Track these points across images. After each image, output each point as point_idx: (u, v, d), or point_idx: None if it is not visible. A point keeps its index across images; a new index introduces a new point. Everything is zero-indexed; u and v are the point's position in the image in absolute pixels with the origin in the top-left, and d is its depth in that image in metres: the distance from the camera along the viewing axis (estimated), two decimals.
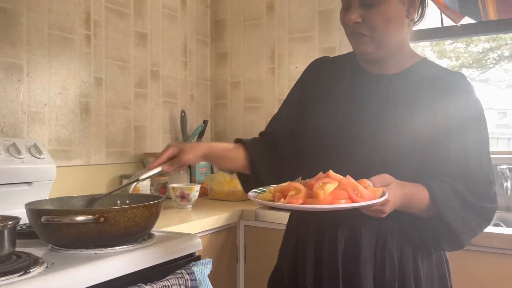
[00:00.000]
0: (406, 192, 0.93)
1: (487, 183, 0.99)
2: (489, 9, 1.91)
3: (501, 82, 6.12)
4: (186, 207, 1.81)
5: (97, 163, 1.87)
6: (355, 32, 1.03)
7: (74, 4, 1.76)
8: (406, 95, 1.03)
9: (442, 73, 1.06)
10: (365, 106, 1.05)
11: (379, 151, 1.00)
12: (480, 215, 0.98)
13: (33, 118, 1.63)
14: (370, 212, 0.89)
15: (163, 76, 2.22)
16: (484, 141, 1.02)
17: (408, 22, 1.04)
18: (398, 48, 1.06)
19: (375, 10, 0.99)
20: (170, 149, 1.11)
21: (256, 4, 2.41)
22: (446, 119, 0.99)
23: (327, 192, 0.81)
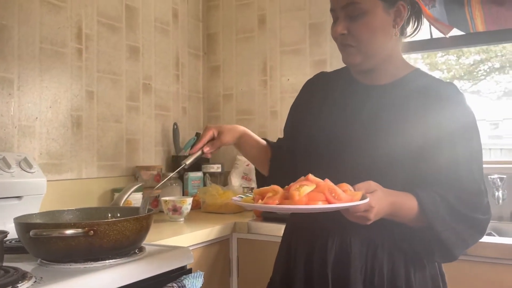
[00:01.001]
0: (393, 200, 0.92)
1: (479, 194, 0.97)
2: (477, 21, 1.94)
3: (492, 94, 6.18)
4: (178, 220, 1.79)
5: (88, 176, 1.86)
6: (342, 44, 1.05)
7: (65, 18, 1.77)
8: (397, 105, 1.03)
9: (434, 83, 1.06)
10: (355, 116, 1.06)
11: (369, 161, 1.00)
12: (472, 226, 0.96)
13: (24, 132, 1.62)
14: (355, 219, 0.89)
15: (155, 89, 2.22)
16: (475, 151, 1.00)
17: (395, 32, 1.04)
18: (387, 59, 1.06)
19: (360, 22, 1.01)
20: (210, 130, 1.15)
21: (248, 17, 2.44)
22: (437, 129, 0.99)
23: (303, 194, 0.82)
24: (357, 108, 1.07)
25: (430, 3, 2.01)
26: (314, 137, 1.10)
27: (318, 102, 1.15)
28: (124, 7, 2.04)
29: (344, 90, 1.13)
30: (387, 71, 1.08)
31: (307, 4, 2.27)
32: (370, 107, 1.06)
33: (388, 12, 1.02)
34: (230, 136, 1.16)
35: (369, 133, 1.02)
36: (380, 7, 1.01)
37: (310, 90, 1.21)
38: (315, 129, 1.11)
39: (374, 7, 1.00)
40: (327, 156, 1.06)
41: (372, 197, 0.86)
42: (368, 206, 0.86)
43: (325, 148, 1.06)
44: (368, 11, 1.00)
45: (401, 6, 1.03)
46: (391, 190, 0.93)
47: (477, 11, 1.90)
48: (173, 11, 2.35)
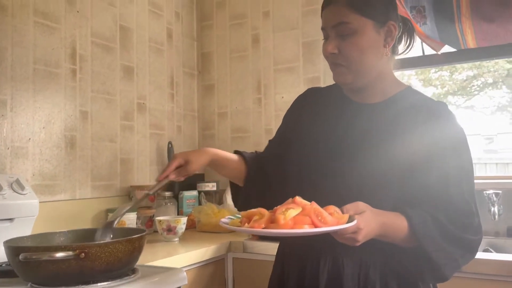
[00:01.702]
0: (382, 221, 0.91)
1: (470, 215, 0.96)
2: (468, 38, 1.96)
3: (486, 109, 6.23)
4: (173, 240, 1.77)
5: (82, 197, 1.84)
6: (333, 63, 1.05)
7: (59, 39, 1.78)
8: (388, 123, 1.03)
9: (424, 101, 1.06)
10: (346, 135, 1.06)
11: (359, 179, 0.99)
12: (463, 246, 0.95)
13: (17, 153, 1.61)
14: (344, 240, 0.87)
15: (149, 108, 2.22)
16: (466, 170, 0.99)
17: (386, 52, 1.04)
18: (378, 77, 1.06)
19: (350, 41, 1.01)
20: (177, 160, 1.13)
21: (242, 36, 2.46)
22: (427, 147, 0.99)
23: (288, 218, 0.81)
24: (348, 126, 1.07)
25: (421, 21, 2.04)
26: (304, 155, 1.09)
27: (309, 119, 1.15)
28: (118, 27, 2.05)
29: (335, 107, 1.12)
30: (378, 90, 1.08)
31: (299, 23, 2.29)
32: (361, 125, 1.06)
33: (379, 31, 1.02)
34: (196, 165, 1.13)
35: (360, 152, 1.02)
36: (371, 27, 1.01)
37: (301, 106, 1.21)
38: (306, 146, 1.10)
39: (364, 26, 1.01)
40: (317, 174, 1.05)
41: (361, 219, 0.85)
42: (356, 228, 0.84)
43: (316, 166, 1.06)
44: (358, 30, 1.00)
45: (392, 26, 1.03)
46: (380, 211, 0.92)
47: (467, 28, 1.93)
48: (168, 31, 2.37)
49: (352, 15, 1.00)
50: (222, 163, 1.20)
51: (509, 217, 1.83)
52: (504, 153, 6.77)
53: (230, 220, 0.95)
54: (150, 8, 2.25)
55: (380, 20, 1.02)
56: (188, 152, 1.16)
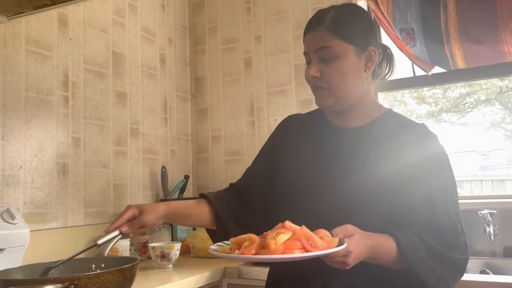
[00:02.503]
0: (371, 243, 0.91)
1: (455, 234, 0.97)
2: (457, 59, 1.98)
3: (480, 125, 6.26)
4: (167, 267, 1.75)
5: (74, 224, 1.82)
6: (315, 86, 1.07)
7: (52, 67, 1.78)
8: (370, 146, 1.05)
9: (405, 123, 1.08)
10: (330, 160, 1.07)
11: (345, 203, 1.00)
12: (451, 266, 0.96)
13: (8, 182, 1.60)
14: (334, 264, 0.87)
15: (143, 133, 2.22)
16: (449, 190, 1.01)
17: (367, 76, 1.07)
18: (359, 101, 1.09)
19: (332, 65, 1.03)
20: (130, 210, 1.06)
21: (234, 60, 2.48)
22: (410, 168, 1.00)
23: (279, 243, 0.81)
24: (331, 151, 1.08)
25: (411, 42, 2.06)
26: (290, 181, 1.10)
27: (295, 145, 1.15)
28: (111, 53, 2.07)
29: (318, 132, 1.14)
30: (359, 114, 1.10)
31: (291, 47, 2.32)
32: (344, 149, 1.07)
33: (360, 56, 1.05)
34: (151, 216, 1.06)
35: (345, 175, 1.03)
36: (352, 52, 1.04)
37: (284, 132, 1.21)
38: (291, 172, 1.11)
39: (345, 51, 1.03)
40: (304, 199, 1.05)
41: (350, 242, 0.86)
42: (346, 251, 0.85)
43: (302, 192, 1.06)
44: (340, 55, 1.03)
45: (372, 51, 1.06)
46: (369, 233, 0.93)
47: (456, 50, 1.95)
48: (161, 56, 2.39)
49: (334, 40, 1.03)
50: (181, 212, 1.14)
51: (505, 237, 1.82)
52: (500, 170, 6.80)
53: (219, 247, 0.93)
54: (143, 34, 2.27)
55: (360, 45, 1.05)
56: (142, 204, 1.10)
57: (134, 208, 1.07)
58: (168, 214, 1.10)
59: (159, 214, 1.07)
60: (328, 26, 1.04)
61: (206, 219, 1.15)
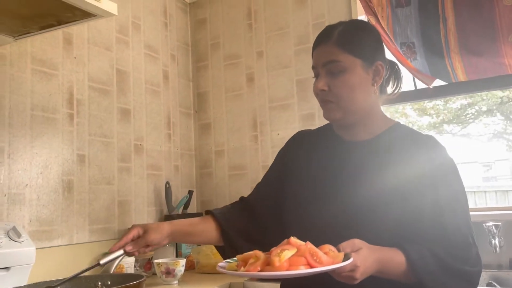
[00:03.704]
0: (379, 257, 0.91)
1: (467, 246, 0.97)
2: (458, 72, 2.00)
3: (482, 136, 6.22)
4: (172, 283, 1.75)
5: (79, 241, 1.83)
6: (323, 100, 1.08)
7: (57, 85, 1.80)
8: (379, 159, 1.05)
9: (413, 135, 1.09)
10: (338, 173, 1.08)
11: (352, 217, 1.00)
12: (463, 279, 0.95)
13: (13, 200, 1.61)
14: (342, 279, 0.87)
15: (147, 149, 2.23)
16: (459, 201, 1.01)
17: (374, 90, 1.08)
18: (367, 115, 1.09)
19: (340, 79, 1.05)
20: (135, 229, 1.06)
21: (237, 76, 2.50)
22: (419, 181, 1.00)
23: (283, 259, 0.81)
24: (339, 165, 1.09)
25: (412, 56, 2.08)
26: (298, 196, 1.11)
27: (302, 160, 1.16)
28: (115, 71, 2.09)
29: (327, 147, 1.15)
30: (367, 127, 1.11)
31: (292, 62, 2.34)
32: (352, 163, 1.08)
33: (367, 71, 1.06)
34: (156, 235, 1.05)
35: (352, 189, 1.03)
36: (359, 66, 1.05)
37: (292, 149, 1.22)
38: (299, 187, 1.12)
39: (353, 65, 1.04)
40: (312, 214, 1.06)
41: (357, 256, 0.86)
42: (353, 265, 0.84)
43: (310, 206, 1.07)
44: (347, 69, 1.04)
45: (379, 66, 1.08)
46: (377, 247, 0.92)
47: (457, 63, 1.97)
48: (164, 73, 2.42)
49: (342, 54, 1.04)
50: (186, 230, 1.13)
51: (511, 249, 1.82)
52: (503, 180, 6.74)
53: (227, 264, 0.94)
54: (146, 52, 2.30)
55: (368, 59, 1.06)
56: (147, 223, 1.10)
57: (139, 228, 1.07)
58: (173, 233, 1.09)
59: (163, 233, 1.07)
60: (336, 41, 1.05)
61: (212, 236, 1.15)
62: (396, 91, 1.16)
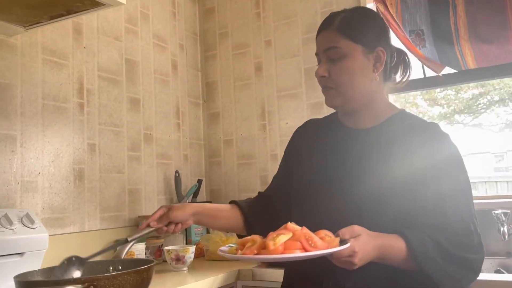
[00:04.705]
0: (379, 244, 0.91)
1: (468, 234, 0.97)
2: (468, 59, 1.98)
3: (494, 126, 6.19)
4: (182, 270, 1.77)
5: (91, 229, 1.86)
6: (324, 86, 1.09)
7: (67, 75, 1.83)
8: (382, 147, 1.05)
9: (417, 124, 1.08)
10: (342, 161, 1.08)
11: (354, 204, 1.01)
12: (465, 266, 0.95)
13: (26, 188, 1.64)
14: (341, 264, 0.89)
15: (156, 138, 2.26)
16: (462, 189, 1.01)
17: (375, 76, 1.07)
18: (369, 102, 1.09)
19: (340, 65, 1.05)
20: (161, 209, 1.13)
21: (245, 65, 2.50)
22: (422, 169, 1.00)
23: (278, 243, 0.84)
24: (344, 151, 1.09)
25: (421, 44, 2.07)
26: (304, 183, 1.12)
27: (308, 149, 1.17)
28: (124, 61, 2.11)
29: (332, 134, 1.15)
30: (370, 114, 1.11)
31: (300, 51, 2.34)
32: (356, 150, 1.08)
33: (368, 56, 1.06)
34: (180, 212, 1.11)
35: (356, 176, 1.04)
36: (360, 52, 1.05)
37: (300, 137, 1.24)
38: (305, 173, 1.13)
39: (353, 51, 1.05)
40: (316, 200, 1.07)
41: (356, 242, 0.87)
42: (352, 251, 0.86)
43: (314, 194, 1.08)
44: (347, 54, 1.04)
45: (380, 52, 1.07)
46: (377, 233, 0.93)
47: (467, 50, 1.95)
48: (172, 62, 2.43)
49: (342, 40, 1.05)
50: (212, 213, 1.17)
51: None
52: None
53: (228, 248, 0.97)
54: (154, 41, 2.31)
55: (369, 45, 1.06)
56: (172, 204, 1.16)
57: (164, 207, 1.13)
58: (197, 213, 1.14)
59: (186, 212, 1.12)
60: (337, 27, 1.06)
61: (236, 223, 1.20)
62: (405, 80, 1.15)
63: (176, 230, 1.13)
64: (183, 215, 1.11)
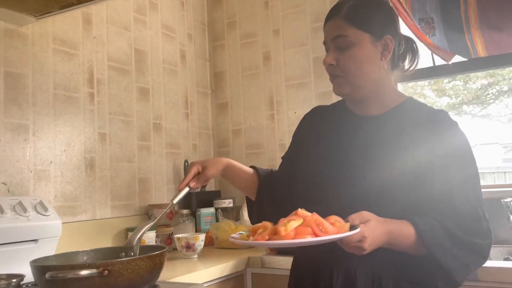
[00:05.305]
0: (388, 229, 0.92)
1: (476, 219, 0.97)
2: (478, 47, 1.97)
3: (502, 117, 6.14)
4: (192, 257, 1.80)
5: (102, 217, 1.88)
6: (332, 74, 1.10)
7: (78, 65, 1.84)
8: (390, 135, 1.06)
9: (425, 111, 1.09)
10: (349, 147, 1.09)
11: (363, 191, 1.01)
12: (473, 251, 0.96)
13: (39, 176, 1.66)
14: (351, 249, 0.90)
15: (165, 128, 2.27)
16: (470, 176, 1.01)
17: (383, 64, 1.07)
18: (377, 90, 1.09)
19: (348, 53, 1.05)
20: (194, 167, 1.19)
21: (253, 55, 2.50)
22: (429, 157, 1.00)
23: (289, 229, 0.85)
24: (351, 138, 1.10)
25: (430, 32, 2.06)
26: (311, 168, 1.13)
27: (316, 135, 1.18)
28: (133, 51, 2.12)
29: (339, 121, 1.16)
30: (378, 102, 1.11)
31: (309, 39, 2.33)
32: (364, 137, 1.08)
33: (375, 45, 1.06)
34: (214, 169, 1.20)
35: (363, 163, 1.04)
36: (367, 40, 1.05)
37: (308, 124, 1.25)
38: (312, 160, 1.14)
39: (361, 39, 1.05)
40: (323, 185, 1.08)
41: (365, 227, 0.88)
42: (361, 236, 0.87)
43: (321, 177, 1.09)
44: (355, 43, 1.05)
45: (388, 40, 1.07)
46: (386, 219, 0.94)
47: (477, 38, 1.94)
48: (181, 52, 2.43)
49: (349, 29, 1.05)
50: (236, 172, 1.25)
51: None
52: None
53: (240, 235, 0.99)
54: (163, 31, 2.32)
55: (376, 34, 1.06)
56: (204, 160, 1.24)
57: (198, 165, 1.20)
58: (226, 169, 1.23)
59: (219, 168, 1.21)
60: (344, 15, 1.06)
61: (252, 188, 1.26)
62: (412, 68, 1.16)
63: (206, 183, 1.22)
64: (216, 172, 1.21)
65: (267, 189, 1.24)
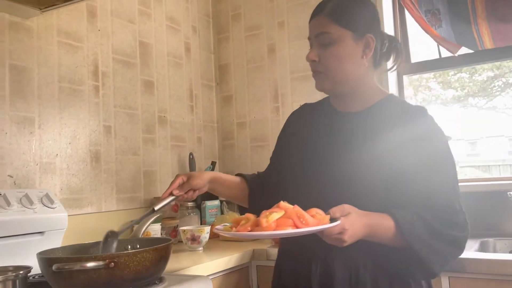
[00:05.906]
0: (368, 222, 0.95)
1: (453, 212, 1.00)
2: (485, 39, 1.95)
3: (509, 109, 6.11)
4: (197, 250, 1.80)
5: (108, 209, 1.89)
6: (314, 70, 1.12)
7: (82, 58, 1.84)
8: (369, 131, 1.08)
9: (403, 108, 1.11)
10: (331, 144, 1.12)
11: (341, 185, 1.04)
12: (450, 243, 0.98)
13: (45, 169, 1.67)
14: (331, 241, 0.92)
15: (170, 121, 2.27)
16: (447, 171, 1.04)
17: (364, 62, 1.10)
18: (358, 86, 1.12)
19: (329, 50, 1.08)
20: (179, 177, 1.19)
21: (258, 47, 2.49)
22: (404, 152, 1.03)
23: (271, 221, 0.88)
24: (332, 134, 1.13)
25: (437, 23, 2.04)
26: (294, 164, 1.16)
27: (300, 131, 1.21)
28: (138, 43, 2.11)
29: (323, 118, 1.19)
30: (359, 99, 1.13)
31: None
32: (344, 133, 1.12)
33: (357, 42, 1.08)
34: (199, 179, 1.19)
35: (342, 158, 1.07)
36: (349, 38, 1.07)
37: (294, 121, 1.28)
38: (296, 155, 1.17)
39: (343, 37, 1.07)
40: (305, 180, 1.11)
41: (345, 220, 0.90)
42: (341, 228, 0.89)
43: (304, 173, 1.12)
44: (337, 40, 1.07)
45: (370, 38, 1.09)
46: (366, 212, 0.96)
47: (484, 29, 1.92)
48: (186, 45, 2.43)
49: (332, 26, 1.07)
50: (223, 183, 1.25)
51: None
52: None
53: (224, 227, 1.02)
54: (167, 24, 2.31)
55: (358, 32, 1.08)
56: (190, 172, 1.24)
57: (183, 176, 1.20)
58: (212, 180, 1.22)
59: (205, 179, 1.20)
60: (328, 13, 1.08)
61: (243, 195, 1.27)
62: (395, 67, 1.18)
63: (193, 196, 1.20)
64: (202, 182, 1.19)
65: (258, 194, 1.26)
